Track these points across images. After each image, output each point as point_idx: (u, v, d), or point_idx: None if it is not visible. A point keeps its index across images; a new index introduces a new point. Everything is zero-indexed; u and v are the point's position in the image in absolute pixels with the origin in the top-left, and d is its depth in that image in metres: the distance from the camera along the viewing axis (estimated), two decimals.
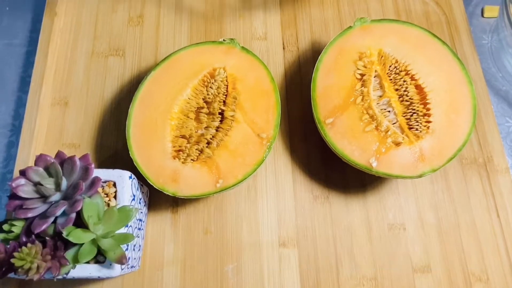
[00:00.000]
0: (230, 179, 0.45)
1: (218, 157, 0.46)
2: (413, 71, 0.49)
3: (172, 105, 0.48)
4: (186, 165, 0.46)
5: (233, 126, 0.48)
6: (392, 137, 0.47)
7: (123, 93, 0.56)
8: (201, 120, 0.49)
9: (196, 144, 0.48)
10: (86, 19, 0.59)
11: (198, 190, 0.45)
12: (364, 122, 0.47)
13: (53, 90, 0.55)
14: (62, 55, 0.57)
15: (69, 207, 0.36)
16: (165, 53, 0.58)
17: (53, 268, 0.34)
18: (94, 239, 0.37)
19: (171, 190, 0.45)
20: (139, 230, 0.46)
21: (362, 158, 0.46)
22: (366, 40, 0.51)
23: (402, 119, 0.49)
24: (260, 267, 0.48)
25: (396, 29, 0.51)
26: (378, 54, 0.50)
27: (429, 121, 0.48)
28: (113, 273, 0.39)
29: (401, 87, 0.50)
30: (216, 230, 0.50)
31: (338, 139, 0.47)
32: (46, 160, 0.38)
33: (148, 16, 0.60)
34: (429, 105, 0.48)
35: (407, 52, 0.50)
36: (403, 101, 0.49)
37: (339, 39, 0.51)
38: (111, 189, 0.42)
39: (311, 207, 0.51)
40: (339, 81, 0.49)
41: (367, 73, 0.50)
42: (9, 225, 0.37)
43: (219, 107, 0.49)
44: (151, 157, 0.46)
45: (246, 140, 0.47)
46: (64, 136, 0.53)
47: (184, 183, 0.45)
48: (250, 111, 0.48)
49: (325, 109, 0.48)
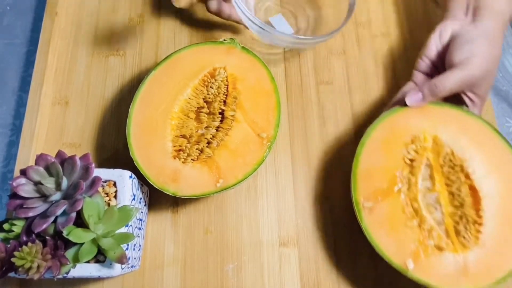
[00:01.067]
0: (230, 179, 0.45)
1: (219, 157, 0.46)
2: (469, 168, 0.44)
3: (172, 104, 0.48)
4: (186, 165, 0.46)
5: (233, 126, 0.47)
6: (435, 240, 0.42)
7: (123, 92, 0.56)
8: (202, 120, 0.49)
9: (197, 144, 0.48)
10: (87, 18, 0.60)
11: (198, 190, 0.45)
12: (406, 215, 0.43)
13: (53, 89, 0.55)
14: (62, 55, 0.57)
15: (69, 206, 0.36)
16: (165, 53, 0.58)
17: (53, 267, 0.34)
18: (95, 238, 0.37)
19: (171, 190, 0.45)
20: (139, 229, 0.46)
21: (398, 256, 0.41)
22: (422, 123, 0.46)
23: (450, 221, 0.43)
24: (260, 266, 0.49)
25: (456, 117, 0.46)
26: (433, 140, 0.46)
27: (480, 230, 0.42)
28: (113, 273, 0.39)
29: (453, 183, 0.44)
30: (216, 229, 0.50)
31: (375, 227, 0.43)
32: (46, 159, 0.38)
33: (149, 16, 0.60)
34: (482, 212, 0.42)
35: (465, 145, 0.45)
36: (453, 200, 0.44)
37: (392, 115, 0.47)
38: (111, 189, 0.42)
39: (311, 206, 0.51)
40: (386, 162, 0.45)
41: (418, 160, 0.45)
42: (9, 225, 0.37)
43: (219, 107, 0.49)
44: (152, 157, 0.46)
45: (246, 139, 0.47)
46: (65, 135, 0.53)
47: (184, 183, 0.45)
48: (251, 111, 0.48)
49: (366, 191, 0.44)
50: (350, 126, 0.55)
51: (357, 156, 0.46)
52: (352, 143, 0.53)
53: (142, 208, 0.47)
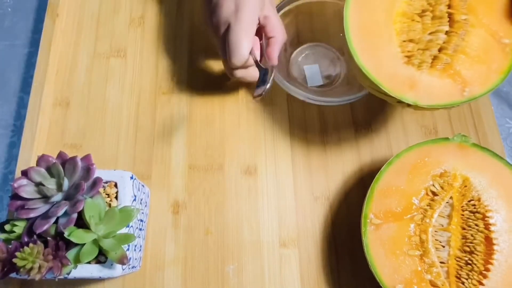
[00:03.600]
0: (478, 87, 0.40)
1: (458, 64, 0.41)
2: (491, 219, 0.43)
3: (393, 5, 0.43)
4: (422, 72, 0.41)
5: (469, 30, 0.42)
6: (433, 276, 0.41)
7: (124, 94, 0.56)
8: (426, 24, 0.44)
9: (427, 50, 0.43)
10: (88, 20, 0.60)
11: (442, 99, 0.40)
12: (411, 243, 0.42)
13: (54, 90, 0.56)
14: (64, 56, 0.57)
15: (70, 207, 0.36)
16: (166, 55, 0.58)
17: (54, 268, 0.34)
18: (96, 239, 0.37)
19: (411, 99, 0.40)
20: (140, 230, 0.46)
21: (390, 278, 0.41)
22: (458, 161, 0.45)
23: (454, 263, 0.42)
24: (261, 267, 0.49)
25: (494, 166, 0.44)
26: (463, 181, 0.44)
27: (483, 283, 0.41)
28: (115, 273, 0.39)
29: (470, 229, 0.43)
30: (217, 230, 0.50)
31: (375, 244, 0.42)
32: (48, 160, 0.38)
33: (150, 17, 0.60)
34: (491, 266, 0.41)
35: (495, 196, 0.43)
36: (464, 245, 0.43)
37: (429, 144, 0.46)
38: (112, 190, 0.42)
39: (312, 207, 0.51)
40: (408, 187, 0.44)
41: (441, 195, 0.44)
42: (11, 225, 0.37)
43: (446, 10, 0.43)
44: (381, 63, 0.41)
45: (486, 46, 0.41)
46: (66, 136, 0.53)
47: (424, 91, 0.40)
48: (485, 15, 0.42)
49: (378, 208, 0.43)
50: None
51: (381, 172, 0.45)
52: None
53: (143, 208, 0.47)
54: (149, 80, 0.57)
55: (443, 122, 0.55)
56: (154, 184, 0.52)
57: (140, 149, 0.53)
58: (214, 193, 0.51)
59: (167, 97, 0.56)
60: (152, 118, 0.55)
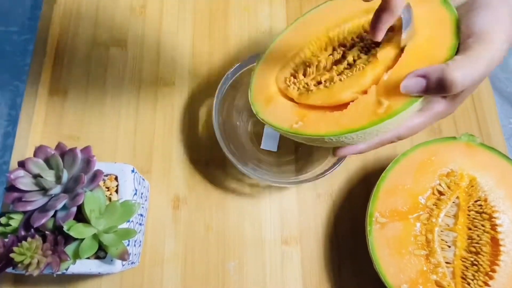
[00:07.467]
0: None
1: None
2: (498, 220, 0.43)
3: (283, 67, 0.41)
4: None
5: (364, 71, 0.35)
6: (439, 276, 0.41)
7: (124, 84, 0.54)
8: None
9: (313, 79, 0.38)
10: (87, 8, 0.58)
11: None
12: (417, 243, 0.42)
13: (52, 79, 0.54)
14: (61, 44, 0.55)
15: (70, 200, 0.35)
16: (168, 46, 0.56)
17: (53, 263, 0.33)
18: (96, 234, 0.36)
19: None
20: (140, 225, 0.44)
21: (395, 278, 0.41)
22: (465, 160, 0.45)
23: (460, 264, 0.42)
24: (262, 264, 0.48)
25: (501, 166, 0.44)
26: (470, 181, 0.44)
27: (488, 284, 0.41)
28: (114, 269, 0.38)
29: (476, 229, 0.43)
30: (218, 226, 0.49)
31: (380, 243, 0.42)
32: (46, 151, 0.37)
33: (151, 7, 0.58)
34: (497, 267, 0.41)
35: (503, 197, 0.43)
36: (470, 246, 0.43)
37: (436, 143, 0.45)
38: (112, 183, 0.41)
39: (314, 205, 0.51)
40: (414, 186, 0.44)
41: (447, 195, 0.44)
42: (6, 218, 0.36)
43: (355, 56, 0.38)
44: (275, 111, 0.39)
45: (362, 98, 0.34)
46: (63, 127, 0.52)
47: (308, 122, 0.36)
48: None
49: (384, 207, 0.43)
50: None
51: (387, 171, 0.45)
52: None
53: (143, 203, 0.46)
54: (150, 71, 0.55)
55: (448, 121, 0.55)
56: (154, 177, 0.50)
57: (140, 141, 0.52)
58: (215, 188, 0.50)
59: (169, 89, 0.54)
60: (152, 110, 0.53)
